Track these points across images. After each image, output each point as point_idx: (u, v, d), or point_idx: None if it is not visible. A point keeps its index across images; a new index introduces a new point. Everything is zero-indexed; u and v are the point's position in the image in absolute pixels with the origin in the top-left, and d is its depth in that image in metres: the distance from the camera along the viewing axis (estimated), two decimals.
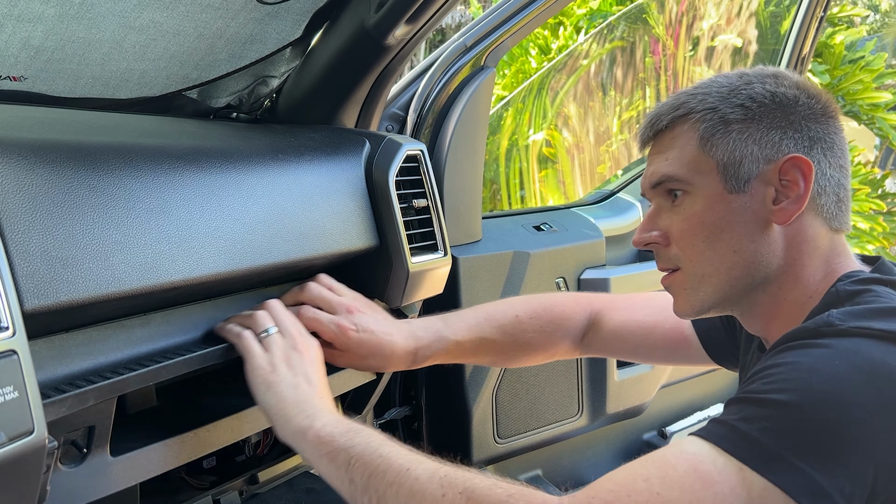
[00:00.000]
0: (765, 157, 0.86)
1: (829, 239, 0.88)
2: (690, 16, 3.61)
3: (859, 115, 3.82)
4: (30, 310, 0.71)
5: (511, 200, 4.01)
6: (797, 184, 0.85)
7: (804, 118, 0.87)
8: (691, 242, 0.89)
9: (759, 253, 0.86)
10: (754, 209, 0.86)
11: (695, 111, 0.89)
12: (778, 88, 0.88)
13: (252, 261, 0.97)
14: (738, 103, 0.88)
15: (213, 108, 1.27)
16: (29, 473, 0.66)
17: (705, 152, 0.87)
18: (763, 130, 0.86)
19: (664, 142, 0.92)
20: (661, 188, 0.92)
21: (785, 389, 0.67)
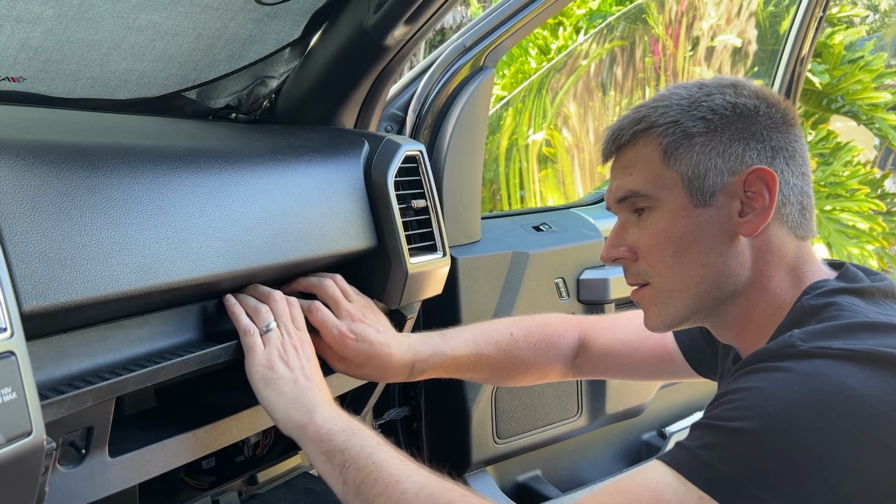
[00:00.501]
0: (729, 169, 0.86)
1: (795, 247, 0.88)
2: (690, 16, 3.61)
3: (859, 115, 3.82)
4: (28, 311, 0.71)
5: (511, 200, 4.01)
6: (762, 195, 0.85)
7: (765, 128, 0.87)
8: (659, 258, 0.89)
9: (727, 266, 0.86)
10: (721, 222, 0.86)
11: (656, 125, 0.88)
12: (738, 99, 0.88)
13: (251, 261, 0.97)
14: (699, 116, 0.87)
15: (212, 109, 1.27)
16: (27, 474, 0.66)
17: (669, 167, 0.87)
18: (726, 143, 0.86)
19: (627, 156, 0.92)
20: (627, 203, 0.92)
21: (744, 417, 0.68)
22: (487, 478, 1.70)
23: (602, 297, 1.80)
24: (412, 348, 1.12)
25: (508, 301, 1.67)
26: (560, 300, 1.76)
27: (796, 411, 0.66)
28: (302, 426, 0.91)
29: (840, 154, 3.89)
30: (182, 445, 0.96)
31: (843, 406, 0.65)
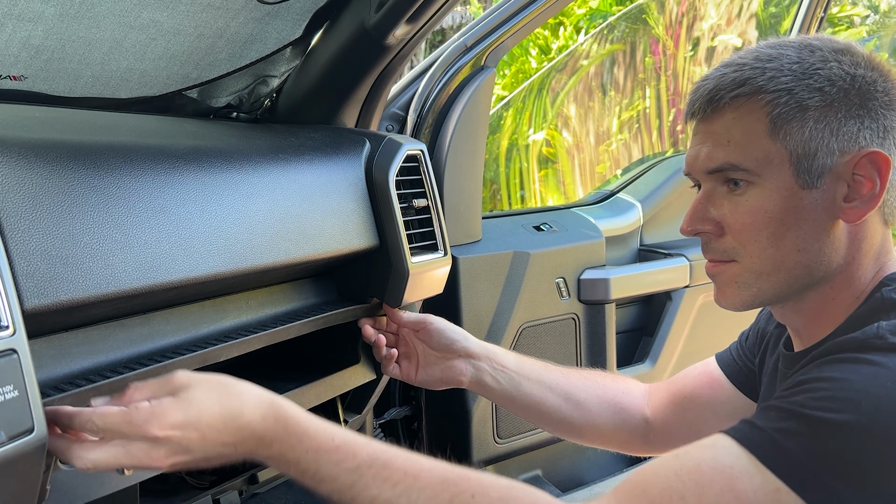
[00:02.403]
0: (841, 149, 0.77)
1: (881, 235, 0.82)
2: (690, 16, 3.61)
3: None
4: (30, 309, 0.71)
5: (511, 200, 4.01)
6: (871, 180, 0.78)
7: (882, 105, 0.79)
8: (754, 238, 0.81)
9: (822, 252, 0.80)
10: (825, 206, 0.78)
11: (765, 90, 0.78)
12: (857, 70, 0.79)
13: (252, 260, 0.97)
14: (816, 87, 0.78)
15: (214, 108, 1.27)
16: (29, 472, 0.66)
17: (777, 140, 0.78)
18: (841, 119, 0.77)
19: (724, 121, 0.81)
20: (719, 175, 0.82)
21: (832, 409, 0.64)
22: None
23: (603, 297, 1.80)
24: None
25: (509, 301, 1.67)
26: (561, 300, 1.76)
27: (888, 409, 0.63)
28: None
29: None
30: None
31: None
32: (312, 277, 1.20)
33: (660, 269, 1.94)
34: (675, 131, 3.69)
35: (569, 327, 1.79)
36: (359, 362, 1.30)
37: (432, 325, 1.16)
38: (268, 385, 1.13)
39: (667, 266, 1.95)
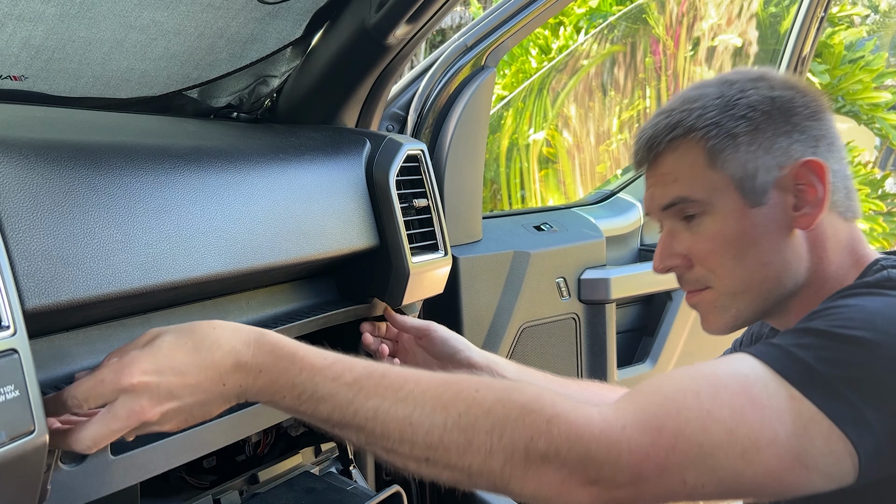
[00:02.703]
0: (777, 164, 0.84)
1: (847, 230, 0.87)
2: (691, 16, 3.61)
3: (859, 115, 3.82)
4: (31, 309, 0.71)
5: (511, 200, 4.01)
6: (814, 187, 0.84)
7: (804, 118, 0.86)
8: (719, 262, 0.86)
9: (786, 262, 0.85)
10: (777, 219, 0.84)
11: (696, 128, 0.86)
12: (773, 92, 0.87)
13: (252, 260, 0.97)
14: (740, 115, 0.85)
15: (214, 108, 1.27)
16: (29, 472, 0.66)
17: (716, 169, 0.85)
18: (770, 138, 0.85)
19: (667, 163, 0.89)
20: (674, 210, 0.89)
21: (847, 326, 0.67)
22: None
23: (603, 296, 1.80)
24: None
25: (510, 301, 1.67)
26: (561, 300, 1.76)
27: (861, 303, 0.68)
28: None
29: None
30: (183, 444, 0.96)
31: None
32: (313, 277, 1.20)
33: None
34: None
35: (569, 327, 1.79)
36: None
37: (436, 333, 1.14)
38: None
39: None
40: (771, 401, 0.65)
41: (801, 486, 0.65)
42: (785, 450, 0.63)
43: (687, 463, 0.63)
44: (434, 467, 0.68)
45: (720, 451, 0.64)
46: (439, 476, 0.69)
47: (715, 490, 0.64)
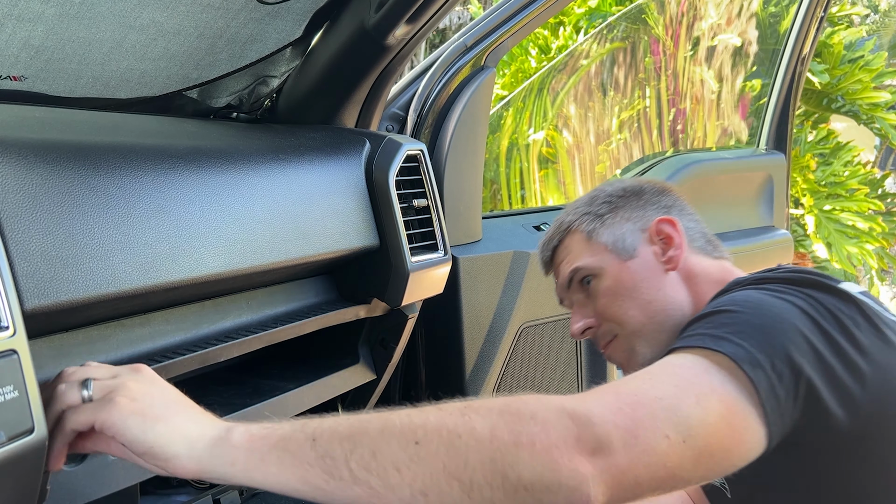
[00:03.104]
0: (640, 227, 1.11)
1: (717, 267, 1.10)
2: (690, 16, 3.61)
3: (859, 115, 3.82)
4: (30, 309, 0.71)
5: (511, 200, 4.01)
6: (672, 236, 1.09)
7: (653, 195, 1.15)
8: (617, 309, 1.07)
9: (668, 297, 1.06)
10: (650, 266, 1.08)
11: (573, 224, 1.15)
12: (623, 184, 1.17)
13: (252, 260, 0.97)
14: (601, 202, 1.15)
15: (214, 108, 1.27)
16: (29, 473, 0.66)
17: (595, 242, 1.11)
18: (629, 211, 1.13)
19: (559, 255, 1.16)
20: (574, 282, 1.13)
21: (718, 307, 0.88)
22: None
23: None
24: None
25: (509, 301, 1.67)
26: None
27: (751, 299, 0.88)
28: (220, 438, 0.69)
29: (840, 154, 3.89)
30: None
31: (770, 307, 0.87)
32: (312, 277, 1.20)
33: None
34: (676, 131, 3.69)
35: (569, 327, 1.79)
36: (359, 362, 1.30)
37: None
38: (268, 385, 1.14)
39: None
40: (696, 364, 0.79)
41: (747, 430, 0.75)
42: (724, 392, 0.75)
43: (655, 415, 0.71)
44: None
45: (678, 401, 0.73)
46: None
47: (695, 446, 0.71)
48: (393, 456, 0.65)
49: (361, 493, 0.65)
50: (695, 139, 3.70)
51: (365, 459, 0.65)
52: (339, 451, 0.66)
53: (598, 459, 0.67)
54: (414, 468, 0.65)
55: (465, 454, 0.65)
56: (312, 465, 0.66)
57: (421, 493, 0.65)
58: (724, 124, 3.49)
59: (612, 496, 0.67)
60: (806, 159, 3.84)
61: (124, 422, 0.67)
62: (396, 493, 0.65)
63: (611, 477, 0.67)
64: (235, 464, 0.67)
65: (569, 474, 0.65)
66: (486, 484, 0.64)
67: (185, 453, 0.67)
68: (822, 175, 3.85)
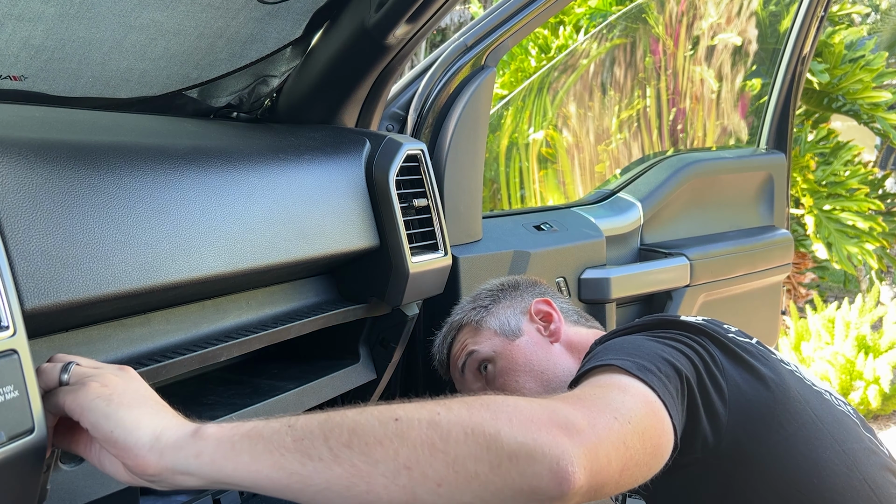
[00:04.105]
0: (521, 311, 1.26)
1: (593, 333, 1.25)
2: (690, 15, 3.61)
3: (859, 115, 3.82)
4: (30, 309, 0.71)
5: (511, 200, 4.01)
6: (549, 314, 1.25)
7: (527, 286, 1.33)
8: (513, 385, 1.18)
9: (557, 365, 1.19)
10: (535, 341, 1.22)
11: (461, 320, 1.29)
12: (500, 281, 1.35)
13: (252, 260, 0.97)
14: (484, 296, 1.30)
15: (214, 108, 1.26)
16: (29, 472, 0.66)
17: (483, 330, 1.25)
18: (508, 300, 1.28)
19: (455, 348, 1.28)
20: (469, 370, 1.24)
21: (593, 356, 0.94)
22: None
23: (603, 296, 1.80)
24: None
25: None
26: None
27: (612, 343, 0.97)
28: (192, 433, 0.65)
29: (840, 153, 3.89)
30: None
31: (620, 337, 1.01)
32: (313, 277, 1.20)
33: (660, 268, 1.94)
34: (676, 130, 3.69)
35: None
36: (359, 362, 1.30)
37: None
38: (268, 385, 1.14)
39: (667, 265, 1.95)
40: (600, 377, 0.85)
41: (664, 418, 0.80)
42: (635, 388, 0.81)
43: (599, 406, 0.75)
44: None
45: (608, 396, 0.78)
46: None
47: (638, 427, 0.75)
48: (374, 431, 0.64)
49: (342, 472, 0.62)
50: (695, 138, 3.70)
51: (345, 437, 0.63)
52: (318, 431, 0.64)
53: (573, 436, 0.68)
54: (396, 441, 0.63)
55: (446, 428, 0.64)
56: (288, 449, 0.63)
57: (405, 467, 0.62)
58: (724, 124, 3.49)
59: (590, 476, 0.67)
60: (806, 159, 3.85)
61: (90, 402, 0.65)
62: (380, 468, 0.62)
63: (587, 451, 0.68)
64: (202, 455, 0.63)
65: (550, 444, 0.65)
66: (470, 456, 0.63)
67: (146, 442, 0.64)
68: (823, 175, 3.85)
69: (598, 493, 0.70)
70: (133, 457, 0.64)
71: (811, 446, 0.93)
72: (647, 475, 0.79)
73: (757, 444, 0.92)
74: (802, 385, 0.99)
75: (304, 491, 0.63)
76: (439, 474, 0.63)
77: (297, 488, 0.63)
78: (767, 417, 0.93)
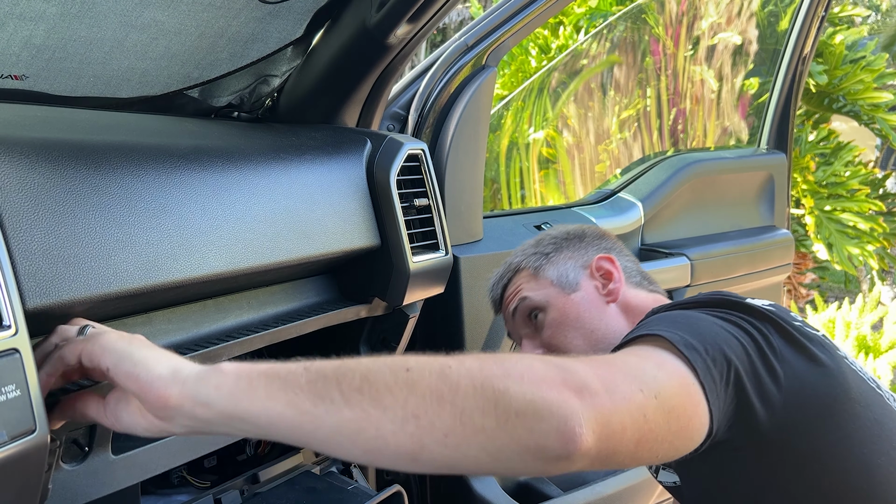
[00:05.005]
0: (581, 265, 1.22)
1: (653, 299, 1.20)
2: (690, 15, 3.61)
3: (860, 115, 3.82)
4: (32, 308, 0.71)
5: (511, 200, 4.01)
6: (610, 272, 1.20)
7: (593, 238, 1.28)
8: (561, 339, 1.15)
9: (609, 326, 1.15)
10: (591, 299, 1.18)
11: (519, 264, 1.26)
12: (567, 229, 1.30)
13: (253, 260, 0.97)
14: (547, 243, 1.27)
15: (215, 108, 1.26)
16: (31, 472, 0.66)
17: (540, 278, 1.21)
18: (571, 251, 1.24)
19: (508, 291, 1.26)
20: (520, 316, 1.22)
21: (646, 324, 0.94)
22: (489, 477, 1.70)
23: None
24: None
25: None
26: None
27: (669, 314, 0.95)
28: (208, 371, 0.67)
29: (841, 154, 3.89)
30: (184, 444, 0.96)
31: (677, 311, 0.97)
32: (314, 276, 1.20)
33: (661, 268, 1.94)
34: (676, 130, 3.69)
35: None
36: None
37: None
38: None
39: (668, 265, 1.95)
40: (642, 347, 0.84)
41: (699, 402, 0.78)
42: (673, 365, 0.79)
43: (626, 374, 0.74)
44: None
45: (641, 366, 0.77)
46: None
47: (665, 404, 0.74)
48: (385, 379, 0.65)
49: (352, 416, 0.64)
50: (695, 139, 3.70)
51: (356, 382, 0.65)
52: (332, 375, 0.66)
53: (584, 398, 0.67)
54: (406, 390, 0.64)
55: (455, 380, 0.65)
56: (302, 389, 0.65)
57: (413, 415, 0.63)
58: (725, 124, 3.49)
59: (599, 440, 0.67)
60: (806, 160, 3.85)
61: (111, 344, 0.68)
62: (388, 414, 0.63)
63: (598, 415, 0.67)
64: (221, 387, 0.66)
65: (559, 403, 0.65)
66: (478, 409, 0.64)
67: (169, 374, 0.66)
68: (823, 175, 3.85)
69: (609, 460, 0.69)
70: (155, 389, 0.66)
71: (866, 450, 0.89)
72: (671, 454, 0.77)
73: (809, 439, 0.88)
74: (865, 386, 0.94)
75: (315, 433, 0.64)
76: (446, 425, 0.64)
77: (308, 429, 0.64)
78: (824, 413, 0.89)
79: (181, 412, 0.66)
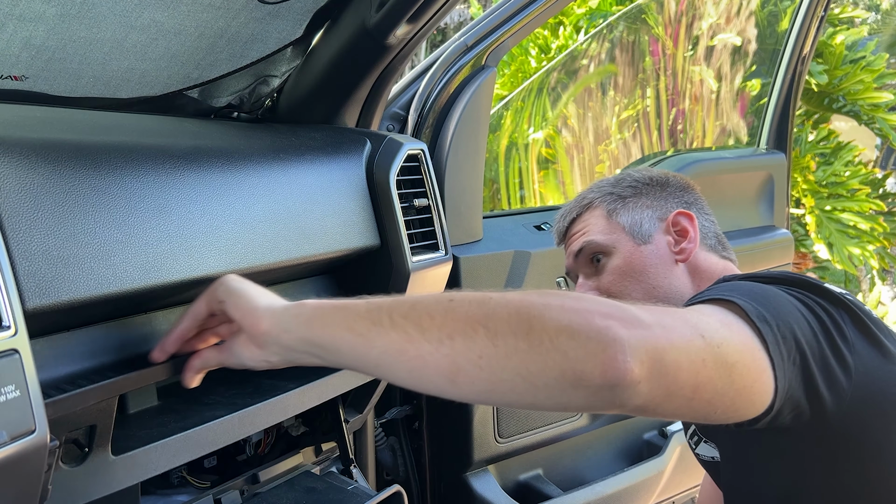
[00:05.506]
0: (658, 216, 1.15)
1: (723, 265, 1.14)
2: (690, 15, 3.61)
3: (860, 115, 3.82)
4: (31, 309, 0.71)
5: (511, 200, 4.01)
6: (687, 230, 1.13)
7: (676, 189, 1.19)
8: (620, 287, 1.11)
9: (672, 286, 1.10)
10: (660, 254, 1.12)
11: (594, 200, 1.19)
12: (651, 173, 1.21)
13: (253, 260, 0.97)
14: (627, 185, 1.18)
15: (215, 108, 1.27)
16: (30, 472, 0.66)
17: (613, 222, 1.15)
18: (651, 199, 1.17)
19: (578, 225, 1.20)
20: (583, 256, 1.16)
21: (719, 287, 0.89)
22: (489, 477, 1.70)
23: None
24: None
25: None
26: None
27: (743, 284, 0.88)
28: (296, 304, 0.79)
29: (841, 154, 3.89)
30: (184, 444, 0.96)
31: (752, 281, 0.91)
32: (313, 277, 1.20)
33: None
34: (675, 130, 3.69)
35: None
36: None
37: None
38: (269, 384, 1.14)
39: None
40: (712, 307, 0.79)
41: (764, 369, 0.74)
42: (740, 328, 0.76)
43: (687, 321, 0.71)
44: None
45: (705, 320, 0.73)
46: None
47: (727, 358, 0.70)
48: (428, 308, 0.70)
49: (397, 337, 0.69)
50: (694, 139, 3.70)
51: (404, 310, 0.71)
52: (386, 305, 0.72)
53: (632, 328, 0.64)
54: (445, 316, 0.68)
55: (493, 307, 0.67)
56: (361, 316, 0.73)
57: (448, 336, 0.67)
58: (724, 124, 3.49)
59: (651, 375, 0.64)
60: (806, 160, 3.84)
61: (227, 283, 0.82)
62: (426, 335, 0.68)
63: (649, 347, 0.64)
64: (300, 316, 0.76)
65: (599, 329, 0.63)
66: (511, 332, 0.65)
67: (264, 307, 0.79)
68: (823, 175, 3.85)
69: (664, 403, 0.67)
70: (253, 317, 0.78)
71: None
72: (729, 413, 0.73)
73: (871, 433, 0.84)
74: None
75: (368, 354, 0.72)
76: (479, 346, 0.66)
77: (362, 351, 0.72)
78: (890, 410, 0.84)
79: (271, 338, 0.77)
